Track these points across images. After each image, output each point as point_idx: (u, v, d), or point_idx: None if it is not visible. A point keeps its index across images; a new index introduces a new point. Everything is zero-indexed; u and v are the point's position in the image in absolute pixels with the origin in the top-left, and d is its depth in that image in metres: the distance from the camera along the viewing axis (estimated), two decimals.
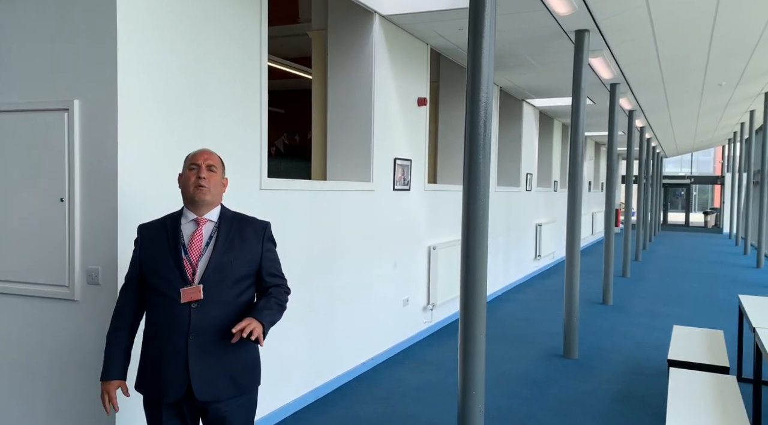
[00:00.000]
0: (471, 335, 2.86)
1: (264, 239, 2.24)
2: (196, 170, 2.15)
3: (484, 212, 2.85)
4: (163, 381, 2.09)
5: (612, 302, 8.17)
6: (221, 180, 2.23)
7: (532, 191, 10.41)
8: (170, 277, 2.10)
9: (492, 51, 2.83)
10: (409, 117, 5.65)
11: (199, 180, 2.13)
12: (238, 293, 2.16)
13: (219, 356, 2.11)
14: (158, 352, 2.11)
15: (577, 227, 5.51)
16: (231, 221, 2.22)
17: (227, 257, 2.14)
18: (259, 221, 2.29)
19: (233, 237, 2.18)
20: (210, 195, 2.16)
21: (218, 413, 2.14)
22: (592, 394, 4.52)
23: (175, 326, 2.08)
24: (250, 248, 2.20)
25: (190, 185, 2.15)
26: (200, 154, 2.20)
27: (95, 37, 2.61)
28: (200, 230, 2.16)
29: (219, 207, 2.23)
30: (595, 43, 5.78)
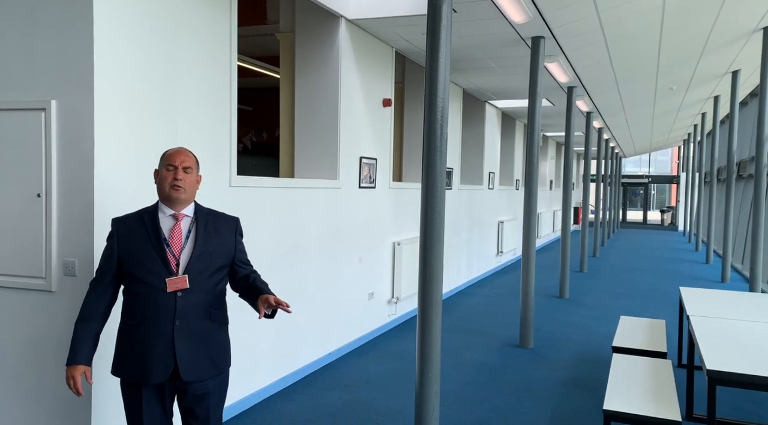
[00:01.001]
0: (428, 317, 3.09)
1: (236, 233, 2.48)
2: (173, 172, 2.31)
3: (440, 209, 3.09)
4: (149, 364, 2.24)
5: (568, 296, 8.55)
6: (196, 178, 2.40)
7: (495, 189, 10.75)
8: (155, 268, 2.26)
9: (448, 61, 3.06)
10: (375, 117, 5.87)
11: (175, 181, 2.29)
12: (216, 282, 2.38)
13: (201, 339, 2.31)
14: (143, 337, 2.26)
15: (533, 224, 5.81)
16: (207, 216, 2.41)
17: (207, 249, 2.34)
18: (230, 217, 2.50)
19: (210, 231, 2.38)
20: (185, 194, 2.33)
21: (198, 391, 2.34)
22: (544, 380, 4.82)
23: (162, 313, 2.25)
24: (225, 242, 2.42)
25: (167, 185, 2.31)
26: (176, 155, 2.34)
27: (72, 40, 2.74)
28: (179, 225, 2.34)
29: (193, 203, 2.41)
30: (551, 49, 6.09)
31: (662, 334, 4.66)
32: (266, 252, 4.25)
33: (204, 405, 2.36)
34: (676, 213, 27.01)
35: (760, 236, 7.70)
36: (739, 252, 12.16)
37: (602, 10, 5.30)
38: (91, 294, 2.34)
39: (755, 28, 7.15)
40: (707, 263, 12.95)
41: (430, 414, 3.10)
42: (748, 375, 2.77)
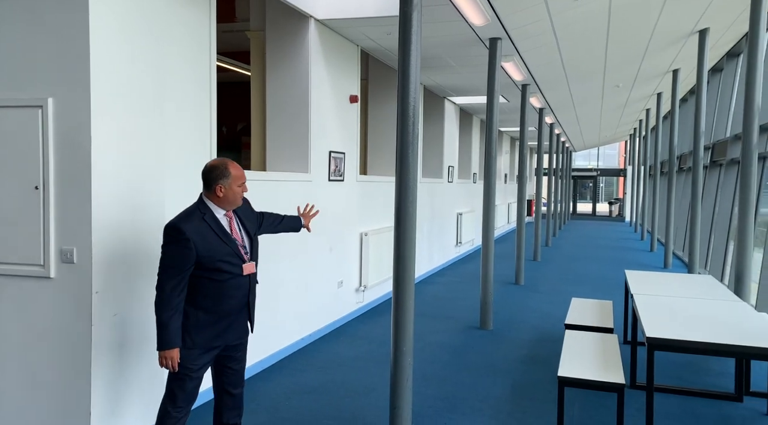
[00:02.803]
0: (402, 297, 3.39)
1: (256, 213, 3.14)
2: (243, 187, 2.87)
3: (413, 200, 3.39)
4: (233, 330, 2.86)
5: (523, 282, 9.04)
6: None
7: (454, 182, 11.16)
8: (232, 259, 2.80)
9: (418, 63, 3.35)
10: (342, 113, 6.12)
11: (243, 194, 2.89)
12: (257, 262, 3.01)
13: (251, 309, 2.96)
14: (228, 310, 2.82)
15: (491, 215, 6.20)
16: (236, 210, 2.92)
17: (253, 238, 2.97)
18: (247, 202, 3.05)
19: (244, 221, 2.95)
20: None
21: (243, 346, 3.00)
22: (503, 358, 5.21)
23: (242, 291, 2.85)
24: (254, 223, 3.04)
25: (238, 198, 2.86)
26: (243, 173, 2.91)
27: (69, 39, 2.91)
28: (232, 222, 2.88)
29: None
30: (507, 49, 6.48)
31: (609, 313, 5.11)
32: None
33: (244, 351, 3.02)
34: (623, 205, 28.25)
35: (697, 224, 8.34)
36: (680, 240, 12.98)
37: (554, 14, 5.70)
38: (174, 291, 2.67)
39: (692, 30, 7.74)
40: (652, 251, 13.75)
41: (405, 385, 3.41)
42: (681, 340, 3.19)
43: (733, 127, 9.51)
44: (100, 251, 2.99)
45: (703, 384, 4.58)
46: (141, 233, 3.27)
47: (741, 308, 4.07)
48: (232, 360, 2.96)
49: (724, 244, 8.98)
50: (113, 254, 3.08)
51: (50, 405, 3.05)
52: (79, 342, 2.99)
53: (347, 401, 4.12)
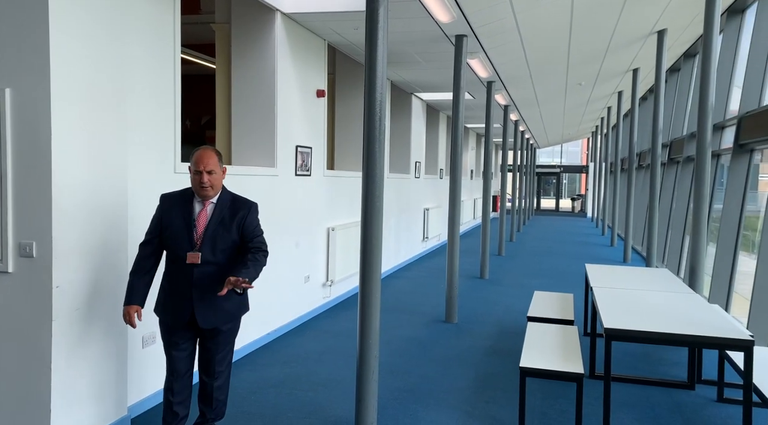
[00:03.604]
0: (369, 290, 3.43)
1: (249, 213, 2.99)
2: (200, 176, 2.84)
3: (380, 195, 3.42)
4: (175, 314, 2.94)
5: (488, 276, 9.19)
6: (221, 173, 2.94)
7: (421, 178, 11.24)
8: (184, 243, 2.89)
9: (385, 58, 3.38)
10: (309, 108, 6.11)
11: (202, 184, 2.85)
12: (226, 255, 2.94)
13: (213, 299, 2.92)
14: (173, 292, 2.94)
15: (457, 210, 6.28)
16: (226, 202, 2.95)
17: (218, 231, 2.90)
18: (246, 202, 3.03)
19: (224, 215, 2.93)
20: (213, 191, 2.92)
21: (212, 333, 3.02)
22: (468, 350, 5.30)
23: (184, 278, 2.90)
24: (236, 222, 2.94)
25: (196, 186, 2.88)
26: (200, 160, 2.84)
27: (28, 29, 2.83)
28: (205, 209, 2.93)
29: (221, 191, 2.96)
30: (473, 46, 6.56)
31: (570, 305, 5.25)
32: None
33: (215, 341, 3.04)
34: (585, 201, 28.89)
35: (655, 219, 8.61)
36: (639, 235, 13.36)
37: (518, 12, 5.80)
38: (141, 254, 2.98)
39: (650, 31, 7.96)
40: (612, 245, 14.12)
41: (370, 377, 3.44)
42: (637, 331, 3.31)
43: (689, 125, 9.84)
44: (60, 245, 2.93)
45: (657, 373, 4.76)
46: (103, 227, 3.22)
47: (694, 300, 4.24)
48: (202, 346, 3.08)
49: (681, 239, 9.29)
50: (74, 248, 3.02)
51: (10, 401, 2.98)
52: (40, 337, 2.93)
53: (312, 394, 4.14)
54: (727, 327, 3.40)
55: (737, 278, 6.41)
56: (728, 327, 3.42)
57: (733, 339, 3.17)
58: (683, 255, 9.15)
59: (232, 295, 2.97)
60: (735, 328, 3.38)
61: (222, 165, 2.96)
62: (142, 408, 3.76)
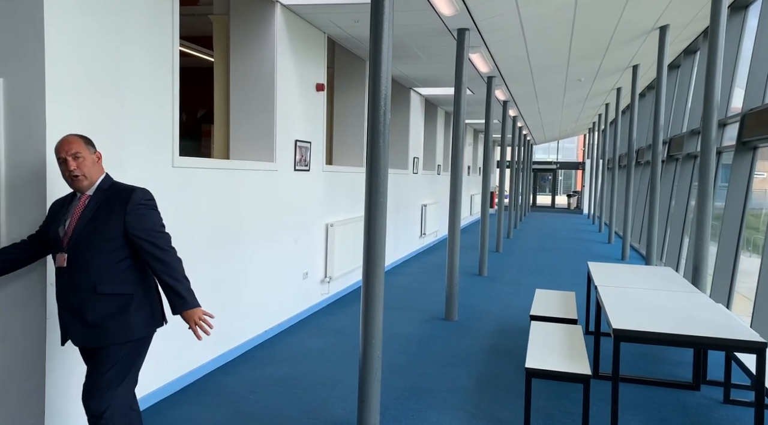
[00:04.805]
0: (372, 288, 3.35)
1: (129, 204, 2.44)
2: (66, 164, 2.42)
3: (383, 191, 3.33)
4: (62, 320, 2.48)
5: (486, 273, 9.12)
6: (93, 158, 2.48)
7: (419, 174, 11.16)
8: (55, 245, 2.46)
9: (389, 51, 3.29)
10: (309, 102, 6.01)
11: (71, 173, 2.42)
12: (104, 255, 2.41)
13: (87, 310, 2.41)
14: (57, 297, 2.49)
15: (458, 207, 6.21)
16: (104, 192, 2.48)
17: (90, 226, 2.41)
18: (129, 189, 2.49)
19: (100, 208, 2.43)
20: (86, 181, 2.46)
21: (96, 352, 2.48)
22: (469, 348, 5.23)
23: (61, 285, 2.45)
24: (115, 216, 2.42)
25: (67, 178, 2.45)
26: (62, 146, 2.43)
27: (21, 17, 2.73)
28: (81, 204, 2.47)
29: (99, 181, 2.50)
30: (475, 41, 6.47)
31: (572, 304, 5.19)
32: (205, 232, 4.33)
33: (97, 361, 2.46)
34: (582, 197, 28.90)
35: (655, 217, 8.56)
36: (637, 232, 13.34)
37: (522, 6, 5.71)
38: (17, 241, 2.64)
39: (653, 27, 7.89)
40: (609, 242, 14.09)
41: (373, 377, 3.37)
42: (645, 332, 3.25)
43: (689, 122, 9.78)
44: None
45: (661, 373, 4.70)
46: None
47: (700, 300, 4.18)
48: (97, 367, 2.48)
49: (680, 236, 9.26)
50: None
51: (3, 400, 2.89)
52: (34, 335, 2.84)
53: (312, 393, 4.06)
54: (737, 328, 3.34)
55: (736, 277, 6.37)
56: (738, 328, 3.36)
57: (746, 341, 3.10)
58: (682, 253, 9.11)
59: (111, 307, 2.42)
60: (745, 329, 3.32)
61: (94, 150, 2.49)
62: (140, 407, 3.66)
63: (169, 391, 3.95)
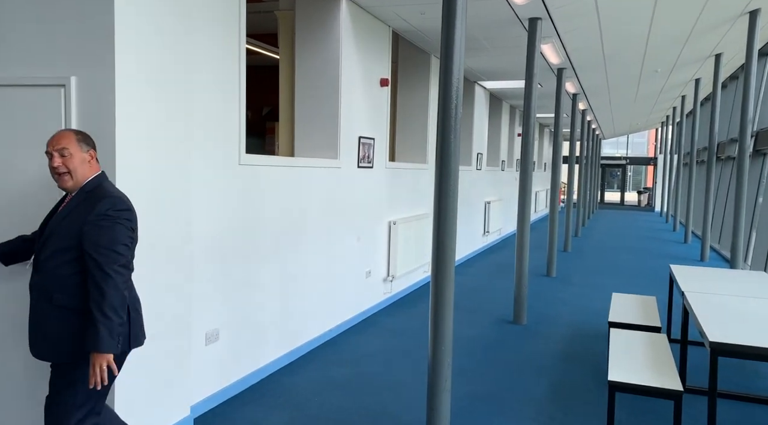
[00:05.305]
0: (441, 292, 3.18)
1: (92, 213, 2.21)
2: (51, 159, 2.26)
3: (454, 189, 3.15)
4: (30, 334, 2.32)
5: (555, 274, 8.75)
6: (84, 156, 2.30)
7: (482, 170, 10.86)
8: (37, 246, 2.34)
9: (463, 40, 3.10)
10: (373, 97, 5.89)
11: (55, 170, 2.25)
12: (58, 265, 2.23)
13: (43, 320, 2.26)
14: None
15: (527, 204, 5.93)
16: (84, 194, 2.29)
17: (58, 230, 2.25)
18: (102, 196, 2.26)
19: (71, 212, 2.26)
20: (72, 181, 2.28)
21: (53, 371, 2.33)
22: (540, 354, 4.97)
23: (31, 295, 2.30)
24: (76, 222, 2.22)
25: (52, 174, 2.29)
26: (51, 140, 2.27)
27: (92, 16, 2.72)
28: (63, 205, 2.34)
29: (86, 182, 2.32)
30: (547, 31, 6.15)
31: (654, 309, 4.83)
32: (270, 231, 4.28)
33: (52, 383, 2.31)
34: (653, 194, 27.57)
35: (741, 216, 7.94)
36: (715, 232, 12.52)
37: None
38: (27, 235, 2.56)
39: (742, 11, 7.29)
40: (685, 242, 13.30)
41: (443, 386, 3.20)
42: (749, 346, 2.92)
43: None
44: None
45: (755, 388, 4.30)
46: (166, 221, 3.10)
47: None
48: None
49: None
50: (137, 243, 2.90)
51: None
52: None
53: (378, 397, 3.93)
54: None
55: None
56: None
57: None
58: None
59: (62, 320, 2.23)
60: None
61: (87, 148, 2.32)
62: (205, 407, 3.65)
63: (234, 391, 3.92)
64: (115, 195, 2.28)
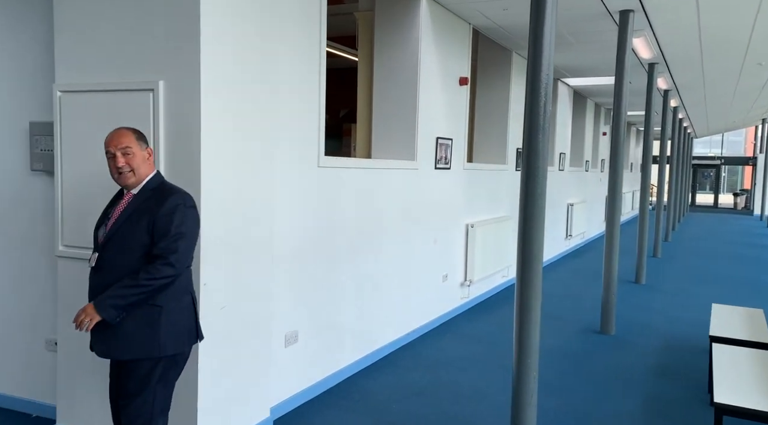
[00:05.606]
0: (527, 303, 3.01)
1: (164, 207, 2.25)
2: (114, 159, 2.28)
3: (542, 190, 2.98)
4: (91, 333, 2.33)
5: (645, 281, 8.25)
6: (144, 154, 2.34)
7: (565, 170, 10.44)
8: (94, 244, 2.37)
9: (553, 35, 2.93)
10: (451, 96, 5.75)
11: (118, 169, 2.29)
12: (132, 261, 2.24)
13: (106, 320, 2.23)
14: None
15: (618, 207, 5.60)
16: (149, 192, 2.32)
17: (123, 228, 2.27)
18: (171, 193, 2.32)
19: (140, 208, 2.28)
20: (134, 178, 2.32)
21: (119, 369, 2.36)
22: (631, 367, 4.66)
23: (89, 287, 2.33)
24: (144, 219, 2.25)
25: (113, 174, 2.32)
26: (111, 139, 2.30)
27: (179, 21, 2.77)
28: (123, 202, 2.34)
29: (147, 179, 2.35)
30: (639, 23, 5.78)
31: (762, 324, 4.41)
32: (348, 233, 4.25)
33: (120, 380, 2.35)
34: (752, 197, 25.62)
35: None
36: None
37: None
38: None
39: None
40: None
41: (528, 401, 3.03)
42: None
43: None
44: (208, 241, 2.85)
45: None
46: (248, 223, 3.12)
47: None
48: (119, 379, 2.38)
49: None
50: (220, 244, 2.94)
51: None
52: None
53: (458, 407, 3.80)
54: None
55: None
56: None
57: None
58: None
59: (143, 317, 2.24)
60: None
61: (145, 145, 2.35)
62: (285, 409, 3.65)
63: (313, 393, 3.91)
64: (183, 191, 2.36)
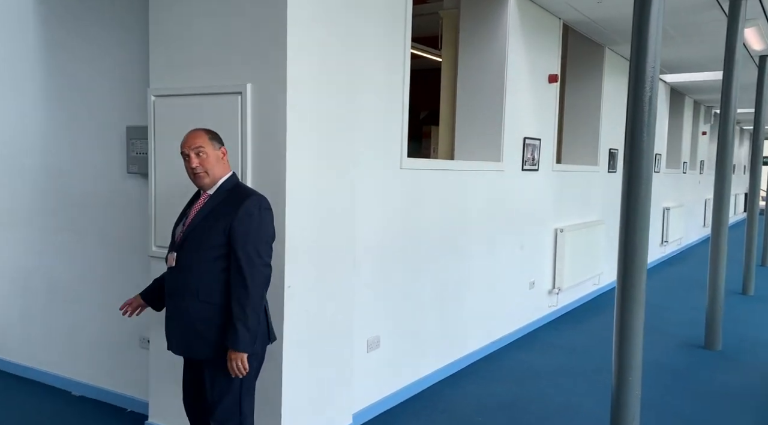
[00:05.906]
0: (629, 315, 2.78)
1: (240, 210, 2.24)
2: (188, 160, 2.29)
3: (646, 193, 2.74)
4: (168, 330, 2.38)
5: (753, 292, 7.56)
6: (217, 154, 2.34)
7: (661, 172, 9.80)
8: (171, 243, 2.40)
9: (660, 23, 2.68)
10: (540, 95, 5.51)
11: (193, 170, 2.29)
12: (209, 261, 2.25)
13: (190, 318, 2.27)
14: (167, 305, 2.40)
15: (725, 213, 5.14)
16: (224, 193, 2.32)
17: (201, 226, 2.28)
18: (246, 194, 2.31)
19: (217, 208, 2.28)
20: (209, 178, 2.32)
21: (201, 369, 2.36)
22: (741, 387, 4.24)
23: (170, 287, 2.36)
24: (221, 220, 2.24)
25: (189, 175, 2.33)
26: (186, 141, 2.31)
27: (266, 25, 2.76)
28: (200, 203, 2.35)
29: (223, 180, 2.35)
30: (752, 11, 5.28)
31: None
32: (430, 237, 4.12)
33: (210, 381, 2.32)
34: None
35: None
36: None
37: None
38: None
39: None
40: None
41: (630, 420, 2.79)
42: None
43: None
44: (292, 244, 2.82)
45: None
46: (331, 226, 3.08)
47: None
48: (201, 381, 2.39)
49: None
50: (304, 247, 2.90)
51: None
52: None
53: (548, 422, 3.59)
54: None
55: None
56: None
57: None
58: None
59: (213, 315, 2.26)
60: None
61: (219, 145, 2.36)
62: (367, 416, 3.58)
63: (395, 401, 3.82)
64: (259, 194, 2.36)
